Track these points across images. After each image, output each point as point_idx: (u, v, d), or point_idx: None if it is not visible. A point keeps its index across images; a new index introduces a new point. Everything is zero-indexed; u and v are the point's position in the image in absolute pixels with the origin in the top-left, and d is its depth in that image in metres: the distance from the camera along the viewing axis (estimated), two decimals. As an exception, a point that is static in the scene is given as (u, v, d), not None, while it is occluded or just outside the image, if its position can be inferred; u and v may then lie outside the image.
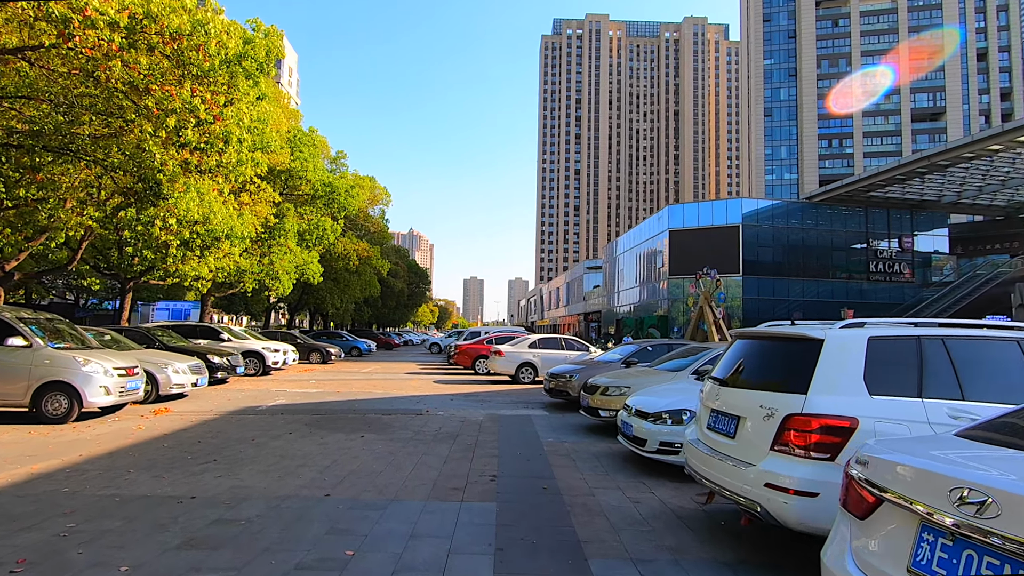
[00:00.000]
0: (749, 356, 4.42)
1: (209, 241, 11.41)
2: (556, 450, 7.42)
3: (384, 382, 16.64)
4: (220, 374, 14.20)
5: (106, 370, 8.90)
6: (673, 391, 7.07)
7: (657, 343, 12.18)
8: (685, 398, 6.52)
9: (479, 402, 12.46)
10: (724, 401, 4.24)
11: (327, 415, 10.05)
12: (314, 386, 15.03)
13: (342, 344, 30.88)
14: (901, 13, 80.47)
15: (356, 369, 21.67)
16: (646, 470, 6.37)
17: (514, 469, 6.32)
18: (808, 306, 41.39)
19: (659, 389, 7.23)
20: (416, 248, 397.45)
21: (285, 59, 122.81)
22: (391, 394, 13.64)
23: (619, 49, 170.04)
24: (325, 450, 7.04)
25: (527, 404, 12.25)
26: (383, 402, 12.12)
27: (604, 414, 8.58)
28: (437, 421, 9.63)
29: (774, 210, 42.42)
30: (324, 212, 17.59)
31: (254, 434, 8.03)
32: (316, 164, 17.27)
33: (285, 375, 18.03)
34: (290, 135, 17.13)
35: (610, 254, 63.19)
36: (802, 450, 3.49)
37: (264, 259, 16.93)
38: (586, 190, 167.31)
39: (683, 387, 7.16)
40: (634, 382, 8.56)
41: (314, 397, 12.69)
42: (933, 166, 33.48)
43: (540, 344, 17.01)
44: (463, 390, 14.90)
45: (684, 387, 7.15)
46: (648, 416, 6.33)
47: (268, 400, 11.96)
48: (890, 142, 79.70)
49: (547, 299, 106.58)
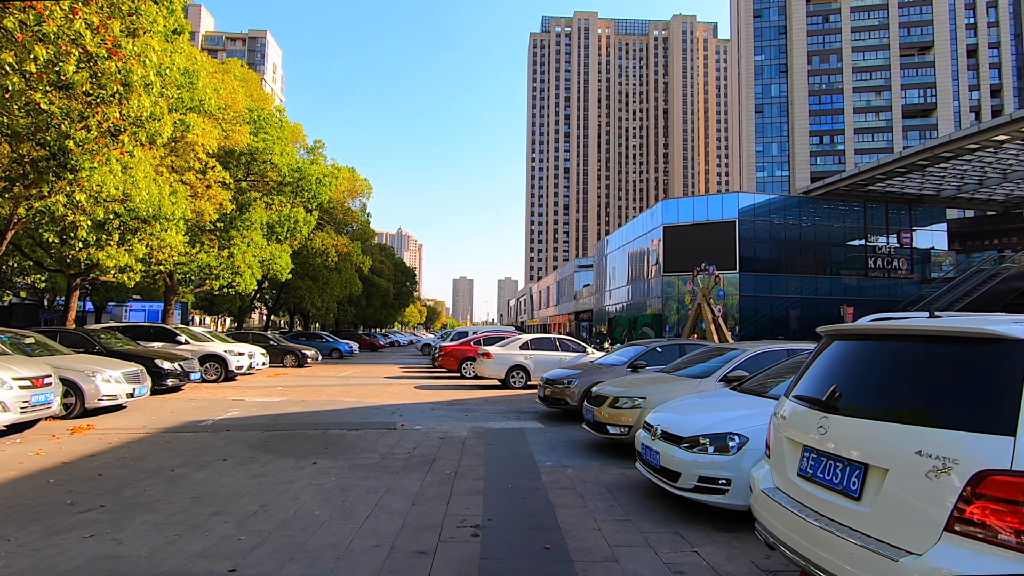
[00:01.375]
0: (873, 367, 2.88)
1: (133, 224, 9.68)
2: (558, 480, 5.88)
3: (360, 388, 15.01)
4: (170, 381, 12.52)
5: (1, 381, 7.22)
6: (708, 406, 5.55)
7: (667, 344, 10.69)
8: (727, 416, 5.01)
9: (464, 412, 10.90)
10: (835, 436, 2.71)
11: (282, 431, 8.43)
12: (279, 394, 13.38)
13: (321, 346, 29.17)
14: (891, 9, 79.97)
15: (333, 373, 20.01)
16: (680, 512, 4.84)
17: (505, 513, 4.77)
18: (806, 303, 40.23)
19: (688, 404, 5.71)
20: (404, 248, 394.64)
21: (267, 53, 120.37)
22: (365, 403, 12.03)
23: (608, 47, 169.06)
24: (259, 486, 5.44)
25: (519, 414, 10.70)
26: (353, 413, 10.52)
27: (614, 430, 7.05)
28: (412, 439, 8.05)
29: (771, 205, 41.21)
30: (292, 200, 15.89)
31: (179, 461, 6.41)
32: (285, 149, 15.58)
33: (251, 381, 16.34)
34: (254, 114, 15.38)
35: (601, 252, 61.81)
36: (1013, 536, 1.99)
37: (223, 252, 15.18)
38: (575, 189, 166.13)
39: (719, 400, 5.65)
40: (650, 392, 7.04)
41: (274, 408, 11.05)
42: (936, 158, 32.38)
43: (532, 345, 15.46)
44: (447, 397, 13.32)
45: (720, 400, 5.64)
46: (681, 441, 4.81)
47: (219, 412, 10.31)
48: (881, 138, 79.19)
49: (537, 298, 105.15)
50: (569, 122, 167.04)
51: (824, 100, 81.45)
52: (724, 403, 5.47)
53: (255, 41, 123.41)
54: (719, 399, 5.66)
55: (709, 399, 5.78)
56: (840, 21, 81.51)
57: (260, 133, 14.98)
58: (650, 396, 6.91)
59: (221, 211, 13.52)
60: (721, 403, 5.50)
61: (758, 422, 4.62)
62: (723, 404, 5.45)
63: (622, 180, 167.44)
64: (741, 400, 5.39)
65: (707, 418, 5.02)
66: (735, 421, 4.76)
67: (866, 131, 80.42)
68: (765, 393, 5.39)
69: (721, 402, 5.54)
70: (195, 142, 11.35)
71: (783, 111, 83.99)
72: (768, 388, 5.52)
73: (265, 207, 17.62)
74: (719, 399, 5.66)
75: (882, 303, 39.43)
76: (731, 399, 5.53)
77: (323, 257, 25.09)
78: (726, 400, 5.55)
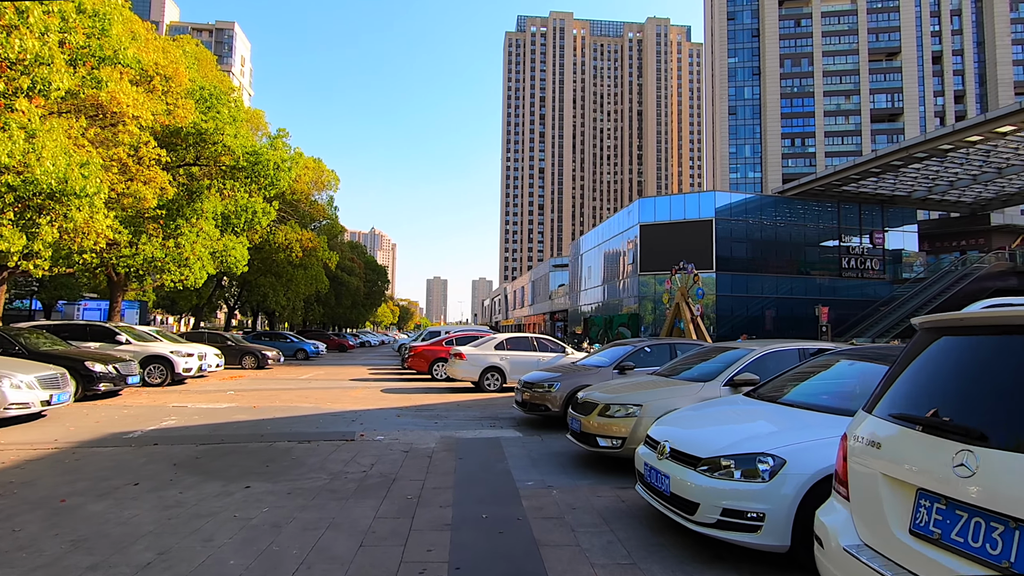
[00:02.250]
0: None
1: (36, 200, 8.28)
2: (541, 506, 4.89)
3: (321, 392, 13.80)
4: (103, 386, 11.18)
5: None
6: (724, 417, 4.63)
7: (656, 343, 9.81)
8: (753, 431, 4.09)
9: (433, 419, 9.84)
10: (990, 481, 1.76)
11: (219, 445, 7.27)
12: (229, 399, 12.11)
13: (284, 346, 27.73)
14: (861, 15, 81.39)
15: (295, 375, 18.69)
16: (699, 552, 3.89)
17: (478, 556, 3.76)
18: (781, 303, 40.18)
19: (699, 414, 4.78)
20: (378, 247, 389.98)
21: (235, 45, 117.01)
22: (323, 409, 10.87)
23: (583, 48, 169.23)
24: (167, 522, 4.32)
25: (494, 421, 9.70)
26: (307, 422, 9.37)
27: (605, 443, 6.09)
28: (372, 452, 6.98)
29: (747, 204, 41.04)
30: (247, 187, 14.54)
31: (78, 487, 5.23)
32: (240, 131, 14.23)
33: (201, 385, 14.98)
34: (205, 92, 13.92)
35: (576, 251, 61.17)
36: None
37: (169, 242, 13.73)
38: (550, 189, 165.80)
39: (735, 410, 4.73)
40: (646, 398, 6.11)
41: (219, 415, 9.82)
42: (910, 158, 32.52)
43: (508, 345, 14.47)
44: (415, 401, 12.23)
45: (737, 410, 4.71)
46: (698, 463, 3.86)
47: (153, 421, 9.05)
48: (850, 142, 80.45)
49: (512, 298, 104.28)
50: (544, 122, 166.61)
51: (796, 103, 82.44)
52: (743, 413, 4.55)
53: (222, 32, 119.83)
54: (735, 408, 4.74)
55: (722, 408, 4.86)
56: (811, 25, 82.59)
57: (211, 112, 13.58)
58: (647, 403, 5.98)
59: (163, 196, 12.09)
60: (739, 413, 4.58)
61: (794, 439, 3.71)
62: (742, 415, 4.53)
63: (596, 181, 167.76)
64: (762, 409, 4.48)
65: (728, 433, 4.09)
66: (765, 438, 3.83)
67: (836, 134, 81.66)
68: (786, 401, 4.50)
69: (738, 412, 4.61)
70: (123, 112, 9.97)
71: (756, 113, 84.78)
72: (784, 393, 4.64)
73: (220, 196, 16.24)
74: (735, 408, 4.74)
75: (856, 303, 39.61)
76: (750, 408, 4.62)
77: (287, 252, 23.63)
78: (744, 409, 4.63)
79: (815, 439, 3.62)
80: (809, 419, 3.97)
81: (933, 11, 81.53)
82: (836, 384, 4.55)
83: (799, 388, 4.66)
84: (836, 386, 4.53)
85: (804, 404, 4.27)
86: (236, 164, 13.69)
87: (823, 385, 4.60)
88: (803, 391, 4.61)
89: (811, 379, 4.74)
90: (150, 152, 10.96)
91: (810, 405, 4.22)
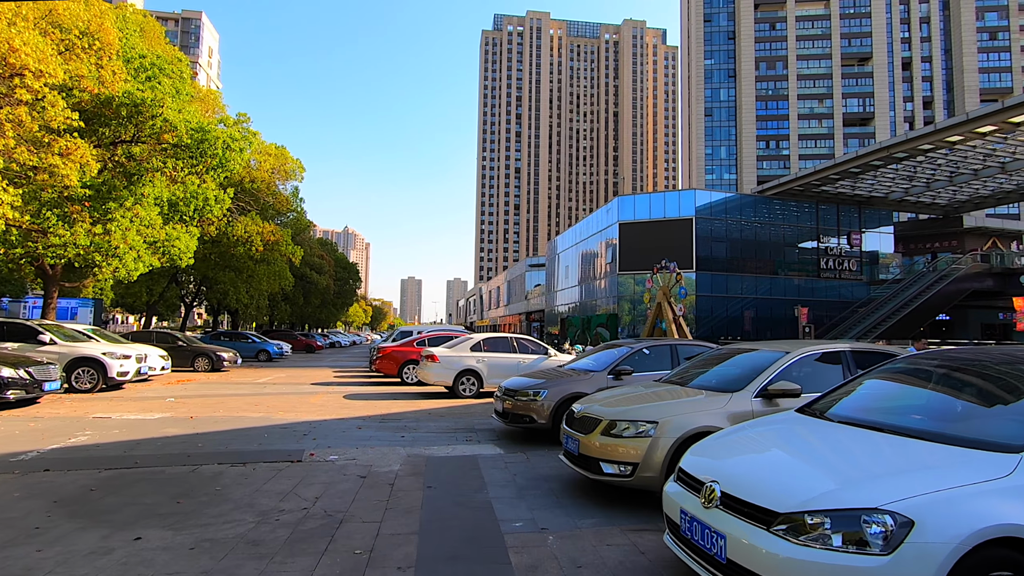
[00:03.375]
0: None
1: None
2: (536, 564, 3.64)
3: (275, 399, 12.32)
4: (12, 393, 9.57)
5: None
6: (788, 444, 3.43)
7: (655, 344, 8.65)
8: (841, 466, 2.91)
9: (400, 431, 8.52)
10: None
11: (129, 471, 5.85)
12: (167, 407, 10.57)
13: (244, 347, 25.95)
14: (834, 19, 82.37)
15: (251, 379, 17.10)
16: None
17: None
18: (760, 304, 39.74)
19: (749, 440, 3.58)
20: (352, 247, 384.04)
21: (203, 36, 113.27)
22: (274, 419, 9.45)
23: (560, 48, 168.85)
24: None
25: (470, 434, 8.42)
26: (250, 436, 7.95)
27: (611, 469, 4.87)
28: (320, 478, 5.64)
29: (727, 203, 40.50)
30: (192, 168, 12.90)
31: None
32: (185, 106, 12.60)
33: (142, 390, 13.34)
34: (146, 61, 12.20)
35: (553, 250, 60.17)
36: None
37: (96, 228, 12.01)
38: (526, 189, 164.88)
39: (796, 433, 3.54)
40: (661, 412, 4.91)
41: (145, 429, 8.33)
42: (890, 158, 32.26)
43: (486, 345, 13.18)
44: (381, 409, 10.87)
45: (799, 433, 3.52)
46: (771, 519, 2.66)
47: (61, 437, 7.53)
48: (823, 144, 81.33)
49: (487, 299, 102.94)
50: (521, 122, 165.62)
51: (771, 106, 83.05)
52: (813, 440, 3.37)
53: (189, 22, 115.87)
54: (796, 431, 3.55)
55: (778, 431, 3.66)
56: (786, 29, 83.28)
57: (151, 82, 11.93)
58: (663, 420, 4.78)
59: (87, 174, 10.40)
60: (808, 440, 3.39)
61: (916, 485, 2.53)
62: (814, 443, 3.34)
63: (572, 181, 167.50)
64: (840, 435, 3.30)
65: (807, 473, 2.90)
66: (868, 484, 2.64)
67: (810, 137, 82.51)
68: (866, 422, 3.34)
69: (806, 438, 3.42)
70: (22, 65, 8.31)
71: (731, 115, 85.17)
72: (861, 411, 3.49)
73: (168, 181, 14.57)
74: (796, 431, 3.55)
75: (834, 304, 39.41)
76: (819, 432, 3.44)
77: (247, 246, 21.89)
78: (812, 434, 3.44)
79: (950, 486, 2.46)
80: (921, 453, 2.81)
81: (903, 18, 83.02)
82: (938, 402, 3.40)
83: (879, 404, 3.52)
84: (939, 403, 3.38)
85: (898, 428, 3.11)
86: (179, 142, 12.09)
87: (916, 401, 3.46)
88: (886, 407, 3.47)
89: (895, 392, 3.59)
90: (59, 115, 9.28)
91: (909, 430, 3.06)
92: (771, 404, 4.95)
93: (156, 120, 11.54)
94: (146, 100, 11.28)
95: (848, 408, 3.61)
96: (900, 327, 32.93)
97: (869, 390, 3.79)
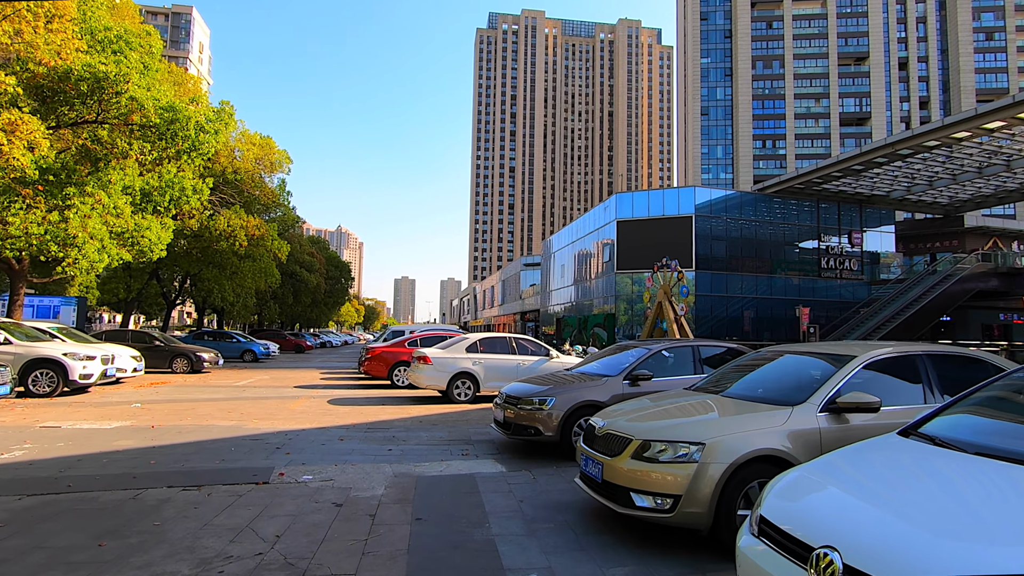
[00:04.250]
0: None
1: None
2: (560, 644, 2.68)
3: (251, 404, 11.30)
4: (-50, 400, 8.50)
5: None
6: (918, 483, 2.46)
7: (675, 345, 7.70)
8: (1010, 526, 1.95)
9: (387, 443, 7.54)
10: None
11: (56, 497, 4.84)
12: (129, 414, 9.52)
13: (228, 347, 24.89)
14: (831, 19, 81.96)
15: (230, 381, 16.05)
16: None
17: None
18: (760, 304, 38.97)
19: (863, 477, 2.62)
20: (345, 245, 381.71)
21: (193, 31, 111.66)
22: (246, 429, 8.44)
23: (555, 47, 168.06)
24: None
25: (467, 447, 7.44)
26: (214, 449, 6.94)
27: (645, 502, 3.90)
28: (285, 508, 4.66)
29: (727, 201, 39.69)
30: (161, 150, 11.83)
31: None
32: (154, 83, 11.55)
33: (108, 394, 12.28)
34: (111, 33, 11.12)
35: (548, 249, 59.23)
36: None
37: (52, 215, 10.91)
38: (521, 188, 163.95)
39: (924, 468, 2.58)
40: (708, 432, 3.95)
41: (96, 441, 7.30)
42: (894, 155, 31.55)
43: (482, 346, 12.20)
44: (367, 417, 9.88)
45: (926, 469, 2.57)
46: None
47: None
48: (820, 144, 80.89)
49: (481, 298, 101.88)
50: (515, 120, 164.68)
51: (767, 105, 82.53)
52: (956, 481, 2.41)
53: (179, 17, 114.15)
54: (922, 466, 2.59)
55: (905, 462, 2.69)
56: (783, 28, 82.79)
57: (116, 55, 10.85)
58: (712, 441, 3.82)
59: (38, 153, 9.33)
60: (948, 480, 2.43)
61: None
62: (960, 485, 2.38)
63: (567, 181, 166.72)
64: (992, 471, 2.35)
65: (980, 535, 1.95)
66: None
67: (806, 137, 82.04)
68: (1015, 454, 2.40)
69: (946, 477, 2.46)
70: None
71: (728, 114, 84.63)
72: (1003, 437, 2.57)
73: (140, 167, 13.50)
74: (922, 466, 2.59)
75: (835, 304, 38.70)
76: (954, 467, 2.48)
77: (230, 241, 20.82)
78: (946, 469, 2.49)
79: None
80: None
81: (900, 18, 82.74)
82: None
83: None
84: None
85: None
86: (147, 122, 11.04)
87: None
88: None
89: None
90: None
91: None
92: (840, 420, 4.02)
93: (121, 98, 10.48)
94: (109, 75, 10.18)
95: (982, 434, 2.67)
96: (905, 328, 32.22)
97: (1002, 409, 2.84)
